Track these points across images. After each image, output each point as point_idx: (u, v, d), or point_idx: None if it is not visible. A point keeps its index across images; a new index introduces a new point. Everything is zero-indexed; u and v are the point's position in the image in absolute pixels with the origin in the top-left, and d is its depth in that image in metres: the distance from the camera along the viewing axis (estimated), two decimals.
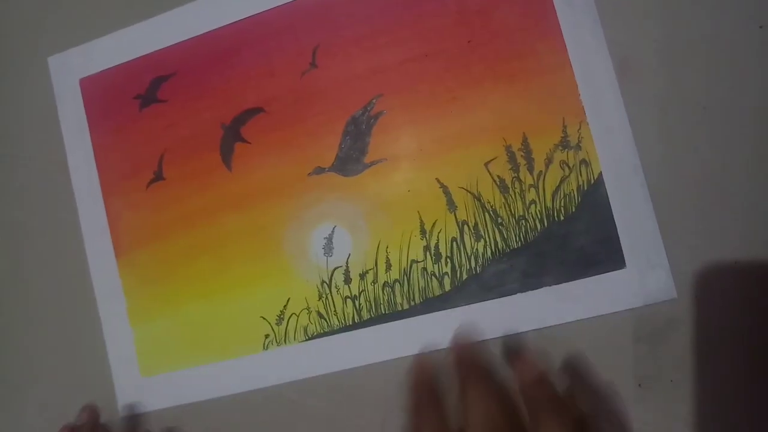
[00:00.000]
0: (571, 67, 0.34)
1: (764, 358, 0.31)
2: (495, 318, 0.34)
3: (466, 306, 0.35)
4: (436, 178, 0.36)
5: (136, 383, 0.40)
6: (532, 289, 0.34)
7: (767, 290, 0.31)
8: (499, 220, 0.35)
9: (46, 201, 0.43)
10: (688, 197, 0.32)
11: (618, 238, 0.33)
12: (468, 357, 0.31)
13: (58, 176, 0.42)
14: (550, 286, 0.34)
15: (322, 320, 0.37)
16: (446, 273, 0.35)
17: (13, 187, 0.43)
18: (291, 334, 0.38)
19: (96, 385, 0.40)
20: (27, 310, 0.43)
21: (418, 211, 0.36)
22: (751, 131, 0.32)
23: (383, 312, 0.36)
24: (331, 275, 0.37)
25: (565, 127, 0.34)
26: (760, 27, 0.32)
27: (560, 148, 0.34)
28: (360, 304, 0.37)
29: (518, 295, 0.34)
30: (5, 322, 0.43)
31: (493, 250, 0.35)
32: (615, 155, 0.33)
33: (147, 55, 0.41)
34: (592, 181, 0.34)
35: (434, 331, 0.35)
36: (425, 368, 0.32)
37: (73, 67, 0.42)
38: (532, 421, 0.27)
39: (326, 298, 0.37)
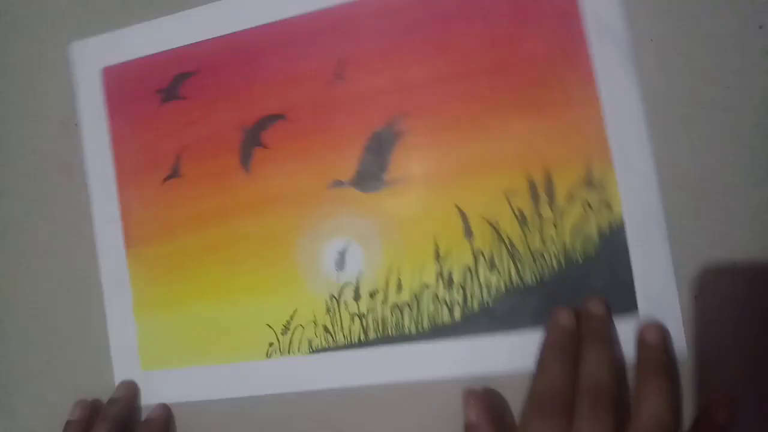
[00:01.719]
0: (599, 102, 0.33)
1: (765, 359, 0.31)
2: (503, 352, 0.34)
3: (475, 337, 0.35)
4: (455, 204, 0.35)
5: (135, 376, 0.40)
6: (543, 325, 0.33)
7: None
8: (516, 255, 0.35)
9: (59, 186, 0.42)
10: (697, 201, 0.32)
11: (633, 284, 0.33)
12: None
13: (73, 162, 0.42)
14: None
15: (328, 335, 0.37)
16: (457, 301, 0.35)
17: (27, 169, 0.43)
18: (295, 345, 0.37)
19: (96, 375, 0.41)
20: (32, 295, 0.43)
21: (434, 236, 0.36)
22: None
23: (390, 334, 0.36)
24: (341, 291, 0.37)
25: (589, 165, 0.34)
26: (760, 27, 0.31)
27: (583, 186, 0.34)
28: (367, 323, 0.36)
29: (528, 330, 0.34)
30: (11, 303, 0.43)
31: (507, 283, 0.35)
32: (638, 202, 0.33)
33: (171, 50, 0.40)
34: (614, 226, 0.33)
35: (440, 360, 0.35)
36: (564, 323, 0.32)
37: (95, 55, 0.42)
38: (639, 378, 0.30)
39: (334, 313, 0.37)
